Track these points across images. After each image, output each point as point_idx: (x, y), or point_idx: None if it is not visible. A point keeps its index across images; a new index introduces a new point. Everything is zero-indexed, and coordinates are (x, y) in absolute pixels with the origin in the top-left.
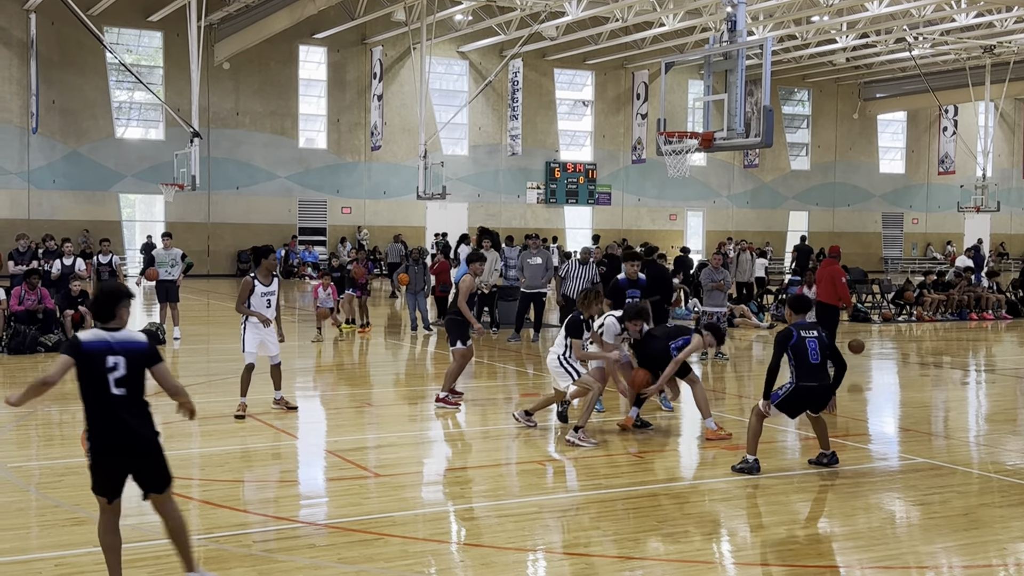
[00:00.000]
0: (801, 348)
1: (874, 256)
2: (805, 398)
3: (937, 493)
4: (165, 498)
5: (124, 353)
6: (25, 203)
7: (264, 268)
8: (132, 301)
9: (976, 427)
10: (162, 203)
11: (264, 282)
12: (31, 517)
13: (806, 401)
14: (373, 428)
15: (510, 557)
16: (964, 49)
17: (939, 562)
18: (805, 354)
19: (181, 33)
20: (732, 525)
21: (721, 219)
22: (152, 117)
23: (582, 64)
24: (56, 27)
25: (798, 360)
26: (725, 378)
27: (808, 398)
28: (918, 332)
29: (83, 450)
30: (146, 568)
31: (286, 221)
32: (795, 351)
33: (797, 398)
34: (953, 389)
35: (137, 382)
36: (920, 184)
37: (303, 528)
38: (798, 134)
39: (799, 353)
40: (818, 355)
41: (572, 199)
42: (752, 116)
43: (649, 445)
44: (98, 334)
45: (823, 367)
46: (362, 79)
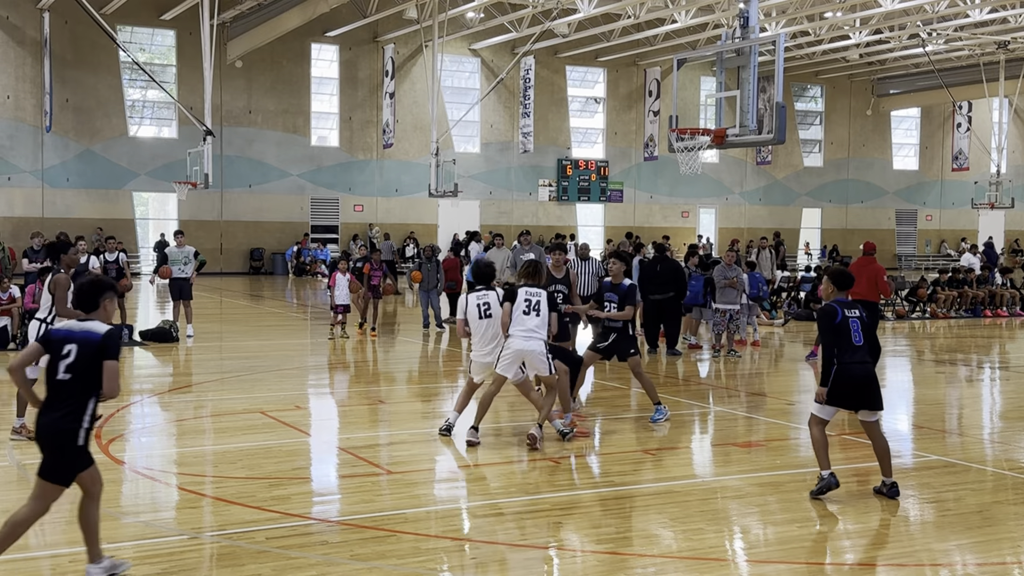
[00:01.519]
0: (844, 328)
1: (888, 253)
2: (849, 383)
3: (951, 490)
4: (42, 486)
5: (78, 342)
6: (39, 201)
7: (66, 264)
8: (116, 294)
9: (990, 424)
10: (175, 201)
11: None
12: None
13: (851, 386)
14: (385, 425)
15: (522, 554)
16: (978, 45)
17: (953, 560)
18: (848, 335)
19: (194, 32)
20: (745, 522)
21: (734, 216)
22: (165, 115)
23: (594, 61)
24: (69, 26)
25: (840, 341)
26: (737, 376)
27: (852, 384)
28: (932, 329)
29: (100, 447)
30: (160, 564)
31: (298, 219)
32: (837, 331)
33: (843, 382)
34: (967, 386)
35: (85, 371)
36: (934, 181)
37: (316, 525)
38: (811, 131)
39: (841, 333)
40: (861, 336)
41: (584, 196)
42: (765, 113)
43: (662, 442)
44: (69, 324)
45: (865, 350)
46: (374, 77)
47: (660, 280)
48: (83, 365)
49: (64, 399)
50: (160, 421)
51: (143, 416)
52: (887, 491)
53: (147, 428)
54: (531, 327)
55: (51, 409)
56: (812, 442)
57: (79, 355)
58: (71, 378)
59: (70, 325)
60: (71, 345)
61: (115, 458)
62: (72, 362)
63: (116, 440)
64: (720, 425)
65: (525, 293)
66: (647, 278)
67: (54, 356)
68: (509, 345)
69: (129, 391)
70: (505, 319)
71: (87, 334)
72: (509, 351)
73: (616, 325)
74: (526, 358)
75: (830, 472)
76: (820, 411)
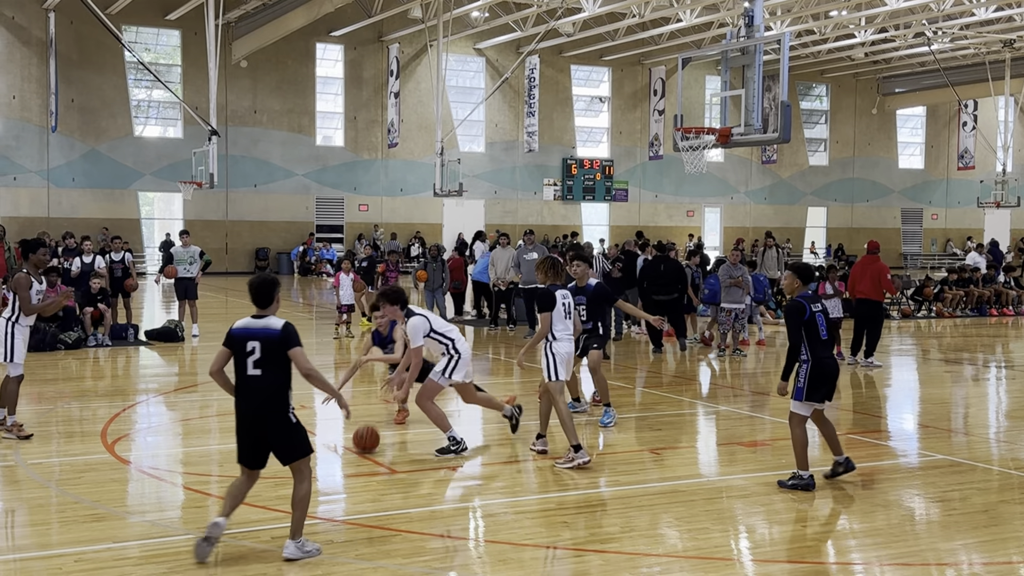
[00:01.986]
0: (812, 324)
1: (893, 252)
2: (825, 374)
3: (957, 490)
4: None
5: (260, 339)
6: (45, 201)
7: (33, 264)
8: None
9: (996, 423)
10: (180, 201)
11: (37, 279)
12: (52, 513)
13: (826, 378)
14: (390, 425)
15: (527, 553)
16: (983, 43)
17: (959, 559)
18: (816, 330)
19: (199, 31)
20: (750, 522)
21: (739, 215)
22: (170, 115)
23: (599, 60)
24: (75, 26)
25: (810, 336)
26: (742, 375)
27: (828, 378)
28: (938, 328)
29: (105, 446)
30: (166, 563)
31: (303, 219)
32: (807, 327)
33: (819, 376)
34: (973, 385)
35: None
36: (939, 180)
37: (321, 524)
38: (816, 129)
39: (810, 329)
40: (827, 331)
41: (589, 196)
42: (770, 112)
43: (667, 442)
44: (247, 322)
45: (831, 343)
46: (379, 76)
47: (664, 280)
48: (269, 358)
49: (260, 391)
50: (165, 420)
51: (149, 415)
52: (844, 468)
53: (153, 427)
54: (571, 329)
55: (251, 402)
56: (794, 441)
57: (264, 350)
58: (261, 373)
59: (248, 323)
60: (254, 342)
61: (121, 457)
62: (259, 358)
63: (122, 439)
64: (725, 424)
65: (561, 297)
66: (649, 278)
67: (240, 354)
68: (558, 349)
69: (134, 391)
70: (546, 326)
71: (267, 330)
72: (561, 354)
73: (588, 325)
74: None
75: (810, 474)
76: (800, 408)
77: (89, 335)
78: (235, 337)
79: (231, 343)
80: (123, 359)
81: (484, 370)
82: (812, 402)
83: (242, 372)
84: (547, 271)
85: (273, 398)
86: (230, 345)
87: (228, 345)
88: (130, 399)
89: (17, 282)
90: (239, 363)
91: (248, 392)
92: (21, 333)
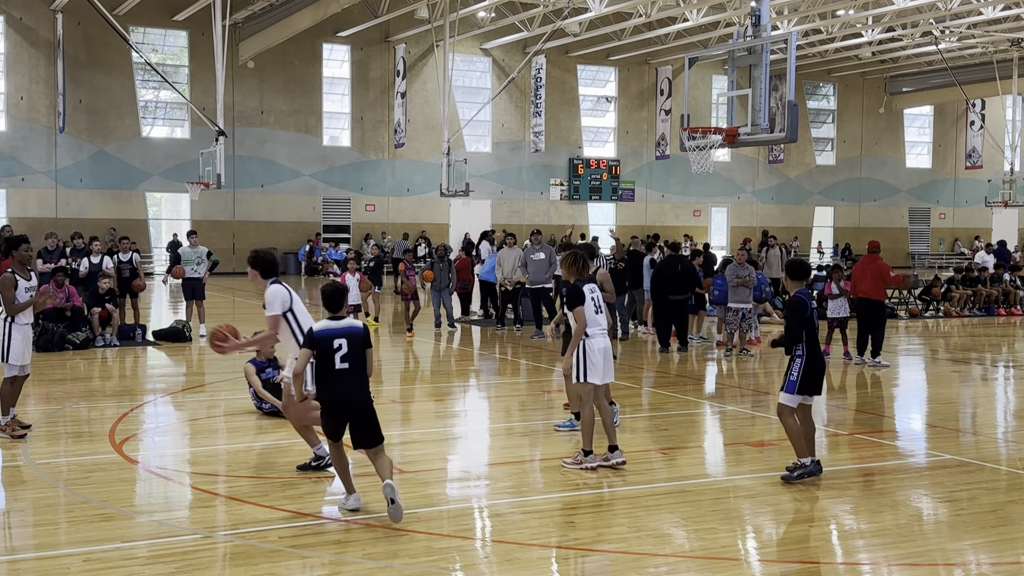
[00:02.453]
0: (811, 320)
1: (901, 252)
2: (818, 370)
3: (965, 490)
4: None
5: (347, 336)
6: (53, 202)
7: (18, 261)
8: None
9: (1004, 423)
10: (188, 201)
11: (24, 276)
12: (60, 513)
13: (818, 373)
14: (397, 425)
15: (534, 553)
16: (991, 42)
17: (967, 559)
18: (814, 326)
19: (206, 32)
20: (758, 522)
21: (746, 215)
22: (178, 116)
23: (605, 60)
24: (82, 27)
25: (808, 332)
26: (749, 375)
27: (820, 373)
28: (945, 328)
29: (113, 446)
30: (173, 563)
31: (310, 219)
32: (808, 323)
33: (813, 371)
34: (981, 385)
35: (356, 357)
36: (947, 179)
37: (329, 524)
38: (823, 129)
39: (810, 325)
40: (818, 327)
41: (595, 196)
42: (776, 111)
43: (674, 441)
44: (328, 324)
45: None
46: (385, 77)
47: (679, 280)
48: (355, 353)
49: (349, 381)
50: (173, 421)
51: (156, 416)
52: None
53: (160, 428)
54: (603, 324)
55: (340, 392)
56: (788, 432)
57: (350, 346)
58: (347, 367)
59: (328, 325)
60: (341, 340)
61: (129, 457)
62: (346, 353)
63: (130, 440)
64: (732, 424)
65: (589, 292)
66: (664, 278)
67: (326, 351)
68: (593, 346)
69: (142, 391)
70: (582, 322)
71: (352, 329)
72: (594, 352)
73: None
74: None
75: (812, 460)
76: (789, 400)
77: (97, 335)
78: (319, 338)
79: (314, 344)
80: (131, 359)
81: (492, 370)
82: (803, 395)
83: (330, 366)
84: (570, 266)
85: (360, 387)
86: (313, 345)
87: (311, 346)
88: (138, 399)
89: (2, 282)
90: (326, 359)
91: (338, 382)
92: (20, 332)
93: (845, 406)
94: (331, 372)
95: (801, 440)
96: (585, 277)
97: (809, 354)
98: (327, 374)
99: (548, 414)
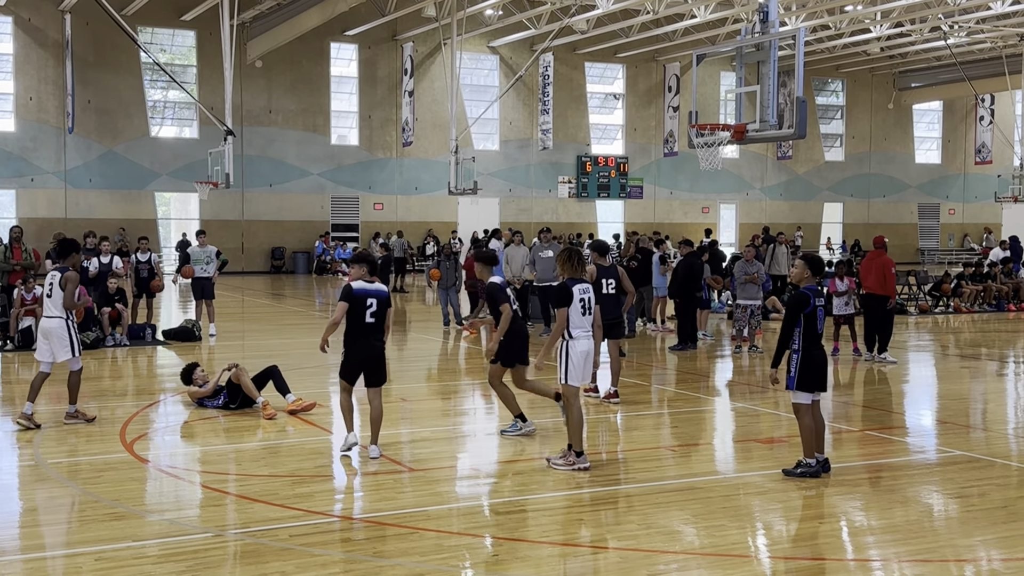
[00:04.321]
0: (812, 317)
1: (910, 247)
2: (818, 366)
3: (975, 486)
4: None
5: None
6: (62, 202)
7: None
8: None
9: (1015, 419)
10: (197, 201)
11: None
12: (71, 512)
13: (820, 370)
14: (407, 423)
15: (544, 551)
16: (1000, 37)
17: (978, 555)
18: (815, 323)
19: (214, 32)
20: (767, 519)
21: (754, 211)
22: (186, 116)
23: (613, 57)
24: (91, 27)
25: (808, 328)
26: (758, 371)
27: (823, 370)
28: (955, 324)
29: (124, 445)
30: (184, 562)
31: (319, 218)
32: (807, 319)
33: (813, 367)
34: (991, 381)
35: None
36: (957, 174)
37: (339, 522)
38: (832, 125)
39: (810, 321)
40: (822, 325)
41: (604, 193)
42: (785, 107)
43: (683, 438)
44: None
45: (820, 337)
46: (393, 75)
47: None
48: (380, 312)
49: (373, 334)
50: (183, 420)
51: (167, 415)
52: (821, 467)
53: (171, 427)
54: (589, 326)
55: (365, 341)
56: (801, 430)
57: (379, 305)
58: (374, 322)
59: (364, 286)
60: (372, 299)
61: (139, 456)
62: (375, 310)
63: (140, 439)
64: (742, 421)
65: (580, 292)
66: (692, 276)
67: (360, 307)
68: (575, 348)
69: (152, 390)
70: (562, 323)
71: (381, 291)
72: (577, 354)
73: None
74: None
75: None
76: (801, 398)
77: (107, 335)
78: (357, 295)
79: (352, 299)
80: (141, 359)
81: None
82: (813, 391)
83: (360, 320)
84: (564, 263)
85: (381, 339)
86: (351, 300)
87: (348, 300)
88: (148, 398)
89: (71, 278)
90: (358, 314)
91: (368, 334)
92: (76, 329)
93: (853, 402)
94: (362, 324)
95: (812, 440)
96: (579, 275)
97: (804, 350)
98: (358, 326)
99: (556, 412)
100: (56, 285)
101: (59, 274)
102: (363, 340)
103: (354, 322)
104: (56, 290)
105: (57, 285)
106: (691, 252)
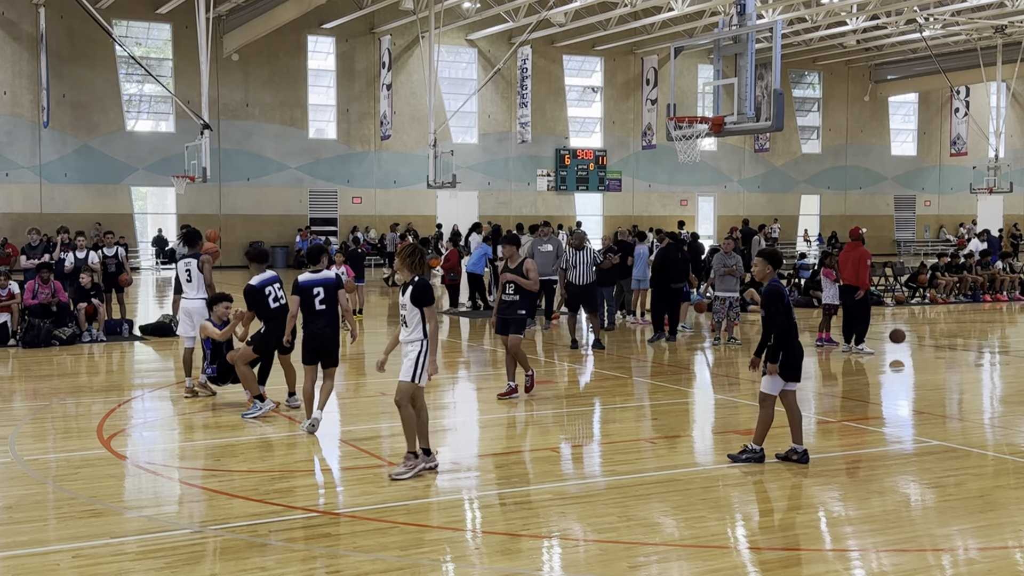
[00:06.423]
0: (789, 307)
1: (887, 239)
2: (798, 359)
3: (952, 475)
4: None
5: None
6: (37, 197)
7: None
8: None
9: (991, 409)
10: (173, 195)
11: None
12: (48, 509)
13: (799, 362)
14: (387, 417)
15: (525, 544)
16: (975, 29)
17: (955, 544)
18: (792, 314)
19: (190, 25)
20: (747, 510)
21: (732, 204)
22: (162, 109)
23: (591, 50)
24: (65, 21)
25: (788, 319)
26: (737, 363)
27: (800, 360)
28: (932, 315)
29: (102, 442)
30: (163, 558)
31: (297, 212)
32: (787, 310)
33: (793, 359)
34: (967, 371)
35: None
36: (932, 166)
37: (319, 517)
38: (809, 117)
39: (788, 313)
40: (794, 315)
41: (582, 186)
42: (762, 100)
43: (663, 431)
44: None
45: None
46: (371, 69)
47: (679, 267)
48: (329, 297)
49: (325, 319)
50: (161, 415)
51: (144, 411)
52: (798, 457)
53: (149, 423)
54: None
55: (318, 326)
56: (761, 419)
57: (326, 292)
58: (325, 308)
59: (310, 277)
60: (319, 288)
61: (117, 453)
62: (324, 297)
63: (118, 435)
64: (721, 413)
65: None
66: (666, 265)
67: (308, 297)
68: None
69: (129, 386)
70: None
71: (327, 279)
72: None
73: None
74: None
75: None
76: (771, 388)
77: (83, 331)
78: (303, 286)
79: (300, 291)
80: (118, 354)
81: (481, 361)
82: (788, 381)
83: (311, 308)
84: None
85: (333, 323)
86: (299, 292)
87: (297, 292)
88: (125, 394)
89: (207, 260)
90: (308, 302)
91: (317, 320)
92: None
93: (832, 393)
94: (312, 312)
95: (767, 429)
96: (424, 273)
97: (789, 342)
98: (310, 313)
99: (531, 406)
100: (194, 270)
101: (194, 260)
102: (314, 325)
103: (306, 311)
104: (195, 273)
105: (196, 269)
106: (670, 244)
